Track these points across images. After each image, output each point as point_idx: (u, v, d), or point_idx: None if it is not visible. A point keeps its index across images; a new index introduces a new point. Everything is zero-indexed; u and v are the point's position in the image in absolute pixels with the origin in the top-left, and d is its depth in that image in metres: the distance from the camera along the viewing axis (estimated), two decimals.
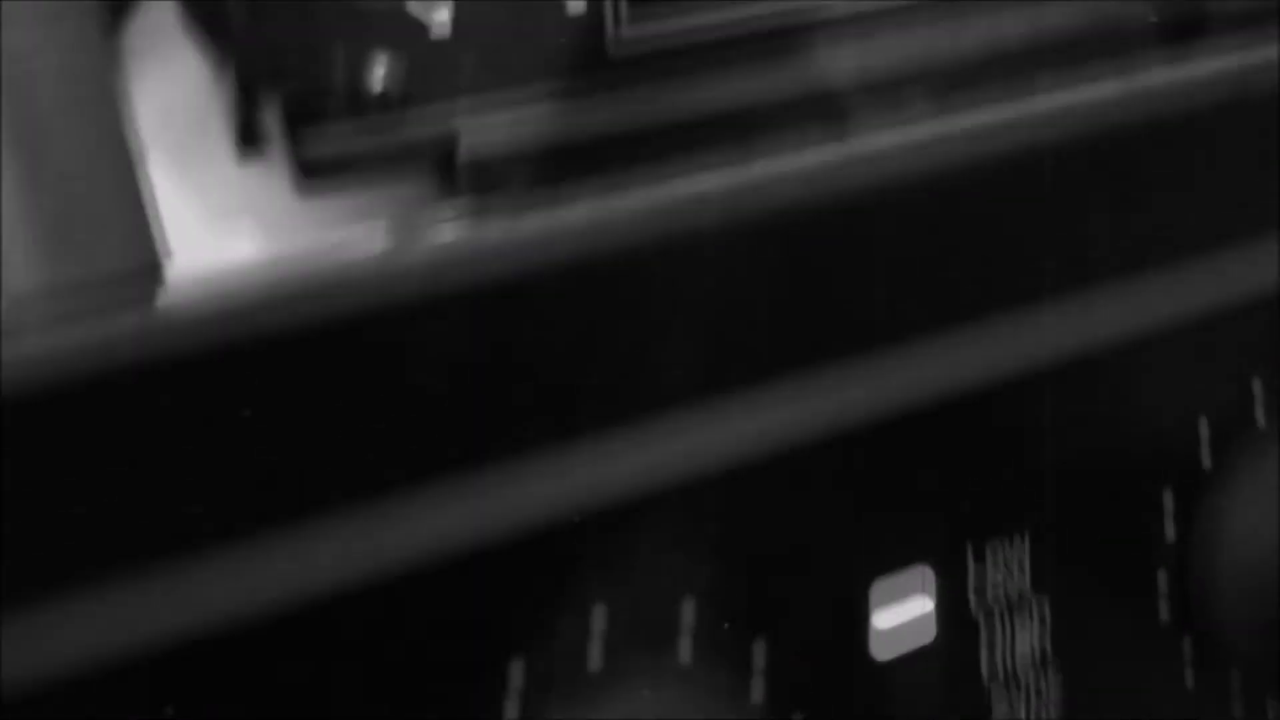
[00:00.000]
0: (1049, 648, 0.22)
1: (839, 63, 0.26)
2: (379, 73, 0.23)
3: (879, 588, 0.20)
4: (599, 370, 0.18)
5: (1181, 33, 0.27)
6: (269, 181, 0.24)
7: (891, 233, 0.20)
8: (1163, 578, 0.22)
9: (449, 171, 0.24)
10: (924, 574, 0.21)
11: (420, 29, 0.23)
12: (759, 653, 0.19)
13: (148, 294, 0.18)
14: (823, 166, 0.19)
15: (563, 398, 0.18)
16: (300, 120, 0.23)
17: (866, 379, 0.19)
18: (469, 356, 0.18)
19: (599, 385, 0.18)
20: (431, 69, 0.24)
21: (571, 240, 0.18)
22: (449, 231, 0.18)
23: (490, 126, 0.24)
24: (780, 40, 0.26)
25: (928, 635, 0.21)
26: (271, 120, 0.23)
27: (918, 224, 0.20)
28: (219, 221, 0.25)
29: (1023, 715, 0.22)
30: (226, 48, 0.23)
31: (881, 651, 0.21)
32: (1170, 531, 0.22)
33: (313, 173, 0.24)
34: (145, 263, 0.19)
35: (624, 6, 0.25)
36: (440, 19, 0.23)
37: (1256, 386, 0.22)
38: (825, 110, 0.26)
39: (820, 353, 0.19)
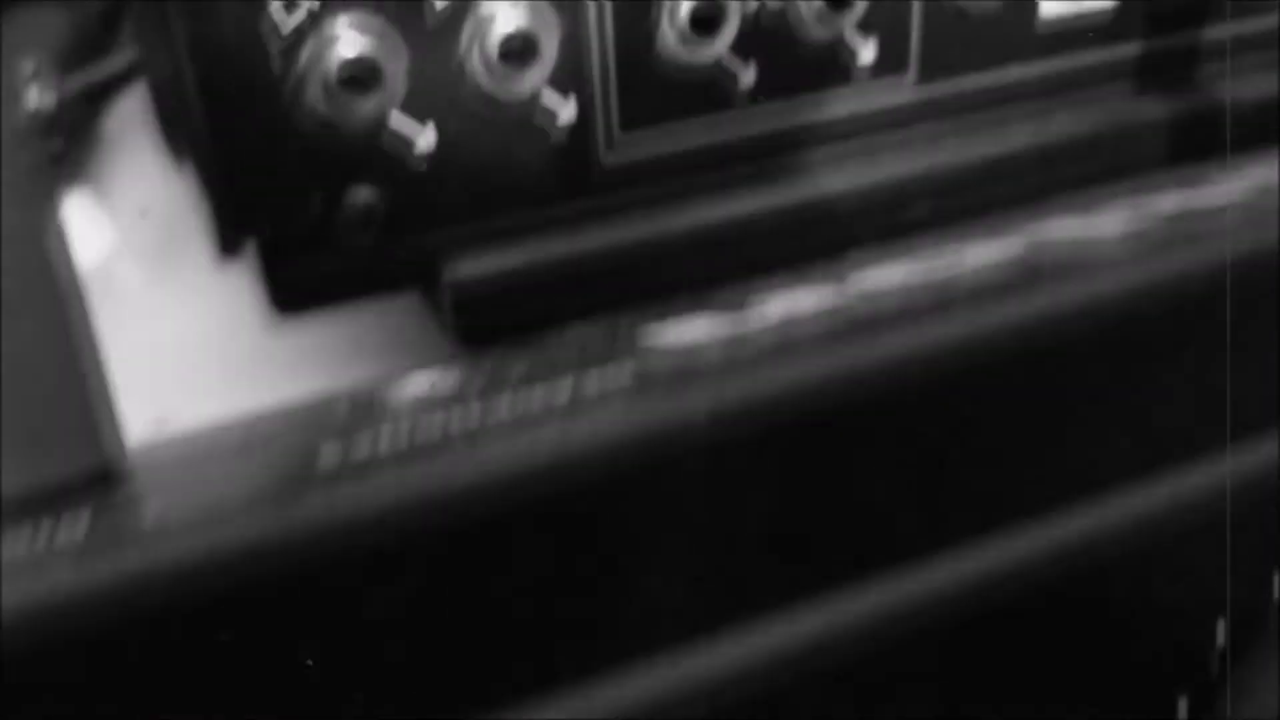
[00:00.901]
0: None
1: (832, 183, 0.25)
2: (357, 202, 0.22)
3: None
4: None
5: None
6: (245, 310, 0.23)
7: (893, 439, 0.19)
8: None
9: (432, 303, 0.23)
10: None
11: (400, 157, 0.22)
12: None
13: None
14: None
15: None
16: (278, 250, 0.22)
17: (865, 591, 0.18)
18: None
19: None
20: (413, 197, 0.22)
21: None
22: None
23: (474, 255, 0.23)
24: (773, 158, 0.25)
25: None
26: (247, 246, 0.22)
27: (920, 425, 0.19)
28: (190, 357, 0.24)
29: None
30: (202, 175, 0.21)
31: None
32: None
33: (290, 303, 0.23)
34: (94, 466, 0.18)
35: (614, 125, 0.23)
36: (421, 146, 0.22)
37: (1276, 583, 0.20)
38: (819, 234, 0.25)
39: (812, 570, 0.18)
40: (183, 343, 0.24)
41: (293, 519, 0.16)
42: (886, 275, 0.20)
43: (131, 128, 0.27)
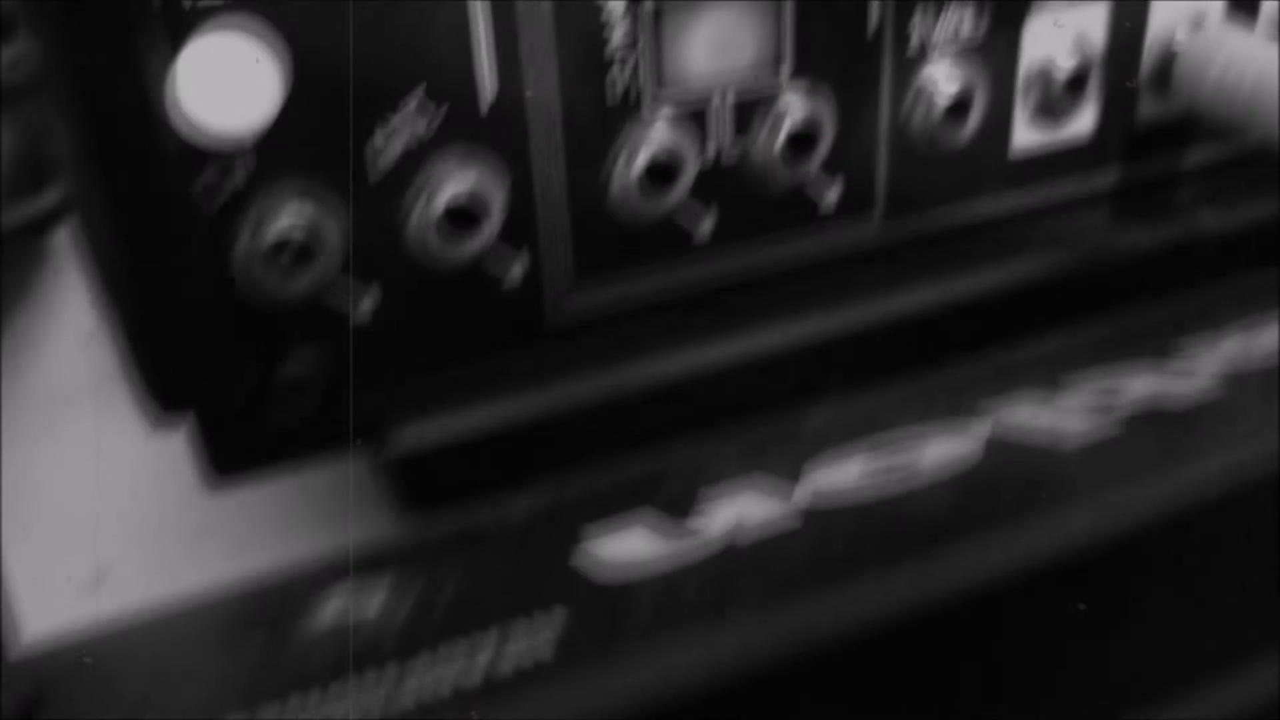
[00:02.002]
0: None
1: (795, 328, 0.24)
2: (297, 367, 0.21)
3: None
4: None
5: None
6: (183, 466, 0.22)
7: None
8: None
9: (376, 466, 0.23)
10: None
11: (342, 319, 0.21)
12: None
13: None
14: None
15: None
16: (215, 414, 0.21)
17: None
18: None
19: None
20: (357, 355, 0.22)
21: None
22: None
23: (418, 418, 0.22)
24: (735, 302, 0.24)
25: None
26: (183, 409, 0.21)
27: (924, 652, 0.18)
28: (126, 507, 0.23)
29: None
30: (129, 346, 0.21)
31: None
32: None
33: (229, 466, 0.22)
34: None
35: (567, 276, 0.22)
36: (364, 308, 0.21)
37: None
38: (778, 382, 0.24)
39: None
40: (120, 491, 0.23)
41: None
42: (840, 478, 0.20)
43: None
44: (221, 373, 0.21)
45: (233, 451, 0.22)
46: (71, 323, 0.25)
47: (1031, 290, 0.25)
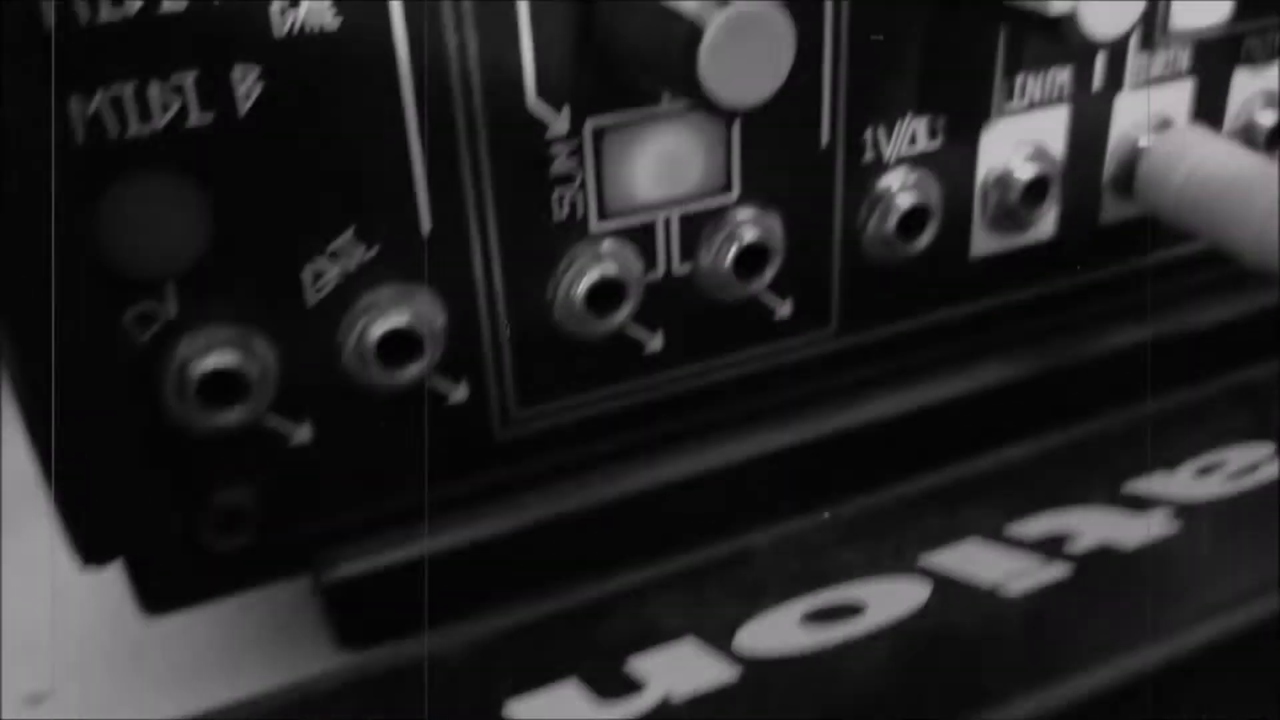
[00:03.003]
0: None
1: (744, 446, 0.23)
2: (228, 503, 0.21)
3: None
4: None
5: None
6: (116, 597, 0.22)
7: None
8: None
9: (317, 598, 0.22)
10: None
11: (275, 452, 0.21)
12: None
13: None
14: None
15: None
16: (145, 552, 0.21)
17: None
18: None
19: None
20: (290, 491, 0.21)
21: None
22: None
23: (353, 549, 0.22)
24: (684, 421, 0.23)
25: None
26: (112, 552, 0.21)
27: None
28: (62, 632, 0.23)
29: None
30: (55, 488, 0.20)
31: None
32: None
33: (161, 601, 0.22)
34: None
35: (510, 401, 0.22)
36: (297, 440, 0.21)
37: None
38: (729, 503, 0.23)
39: None
40: (63, 613, 0.23)
41: None
42: (779, 631, 0.19)
43: None
44: (148, 521, 0.20)
45: (166, 586, 0.21)
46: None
47: (990, 398, 0.25)
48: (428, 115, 0.19)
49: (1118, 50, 0.24)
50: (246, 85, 0.18)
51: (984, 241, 0.25)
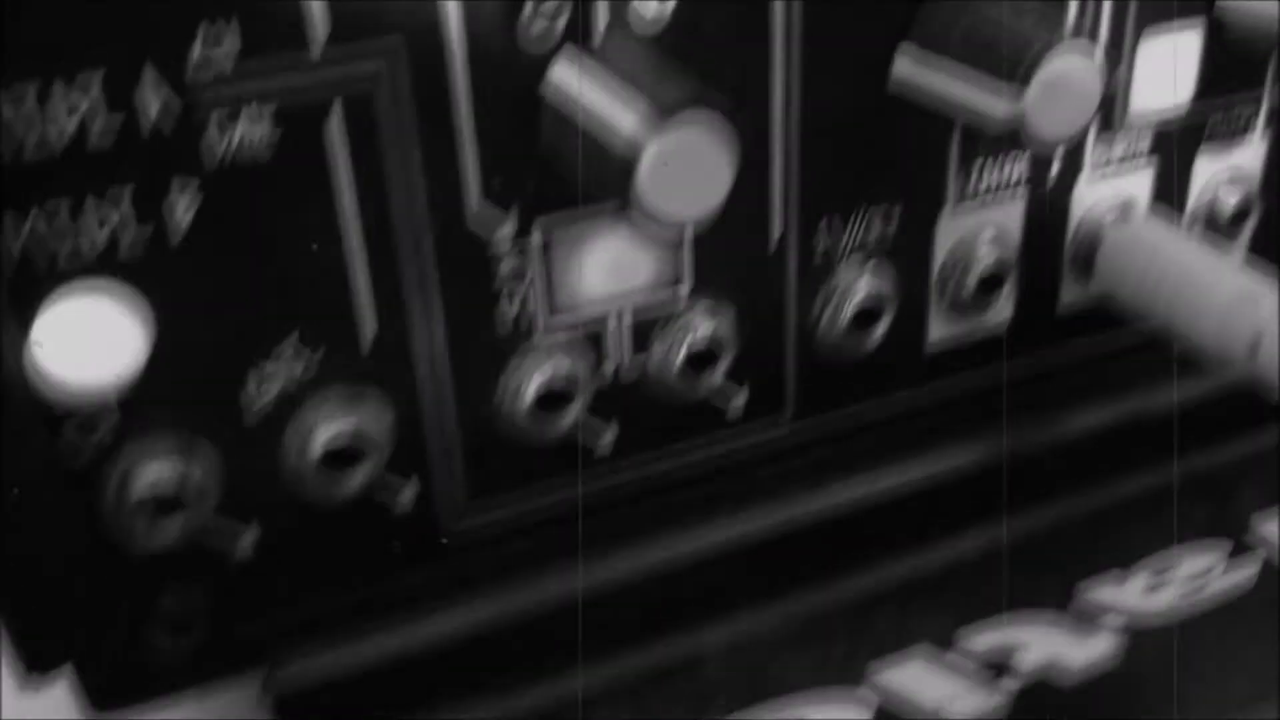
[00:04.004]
0: None
1: (698, 536, 0.23)
2: (173, 608, 0.21)
3: None
4: None
5: None
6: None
7: None
8: None
9: (266, 698, 0.22)
10: None
11: (220, 557, 0.21)
12: None
13: None
14: None
15: None
16: (90, 663, 0.21)
17: None
18: None
19: None
20: (236, 593, 0.21)
21: None
22: None
23: (300, 649, 0.22)
24: (637, 512, 0.23)
25: None
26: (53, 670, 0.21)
27: None
28: None
29: None
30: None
31: None
32: None
33: (109, 701, 0.21)
34: None
35: (458, 499, 0.22)
36: (243, 545, 0.21)
37: None
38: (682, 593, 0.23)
39: None
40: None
41: None
42: None
43: None
44: (93, 628, 0.20)
45: (112, 687, 0.21)
46: None
47: (947, 486, 0.25)
48: (369, 226, 0.19)
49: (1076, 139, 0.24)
50: (183, 205, 0.18)
51: (941, 329, 0.24)
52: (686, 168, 0.18)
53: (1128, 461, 0.25)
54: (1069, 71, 0.20)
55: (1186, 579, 0.21)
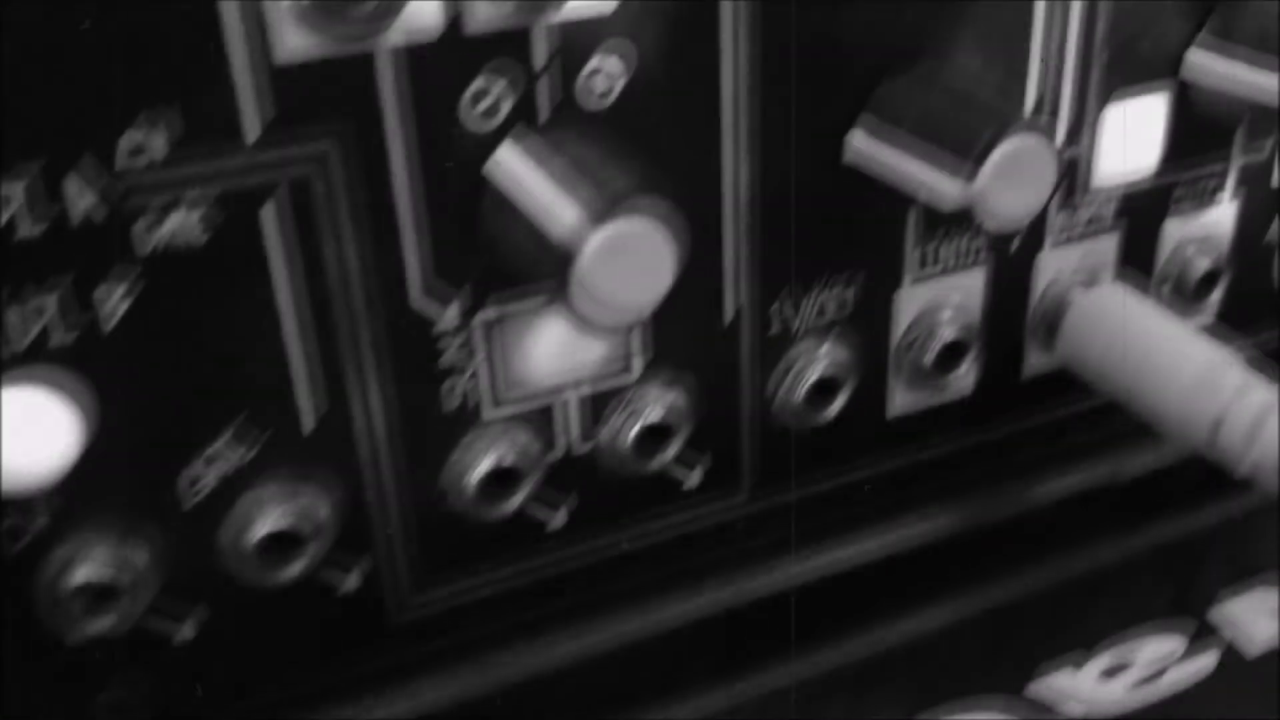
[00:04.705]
0: None
1: (650, 618, 0.23)
2: (112, 700, 0.20)
3: None
4: None
5: None
6: None
7: None
8: None
9: None
10: None
11: (163, 639, 0.20)
12: None
13: None
14: None
15: None
16: None
17: None
18: None
19: None
20: (178, 683, 0.21)
21: None
22: None
23: None
24: (591, 592, 0.23)
25: None
26: None
27: None
28: None
29: None
30: None
31: None
32: None
33: None
34: None
35: (406, 583, 0.21)
36: (182, 635, 0.20)
37: None
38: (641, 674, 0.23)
39: None
40: None
41: None
42: None
43: None
44: (36, 711, 0.20)
45: None
46: None
47: (906, 559, 0.24)
48: (308, 310, 0.19)
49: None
50: (112, 302, 0.18)
51: (901, 400, 0.24)
52: (625, 265, 0.17)
53: (1094, 532, 0.24)
54: (1024, 152, 0.19)
55: (1145, 663, 0.21)
